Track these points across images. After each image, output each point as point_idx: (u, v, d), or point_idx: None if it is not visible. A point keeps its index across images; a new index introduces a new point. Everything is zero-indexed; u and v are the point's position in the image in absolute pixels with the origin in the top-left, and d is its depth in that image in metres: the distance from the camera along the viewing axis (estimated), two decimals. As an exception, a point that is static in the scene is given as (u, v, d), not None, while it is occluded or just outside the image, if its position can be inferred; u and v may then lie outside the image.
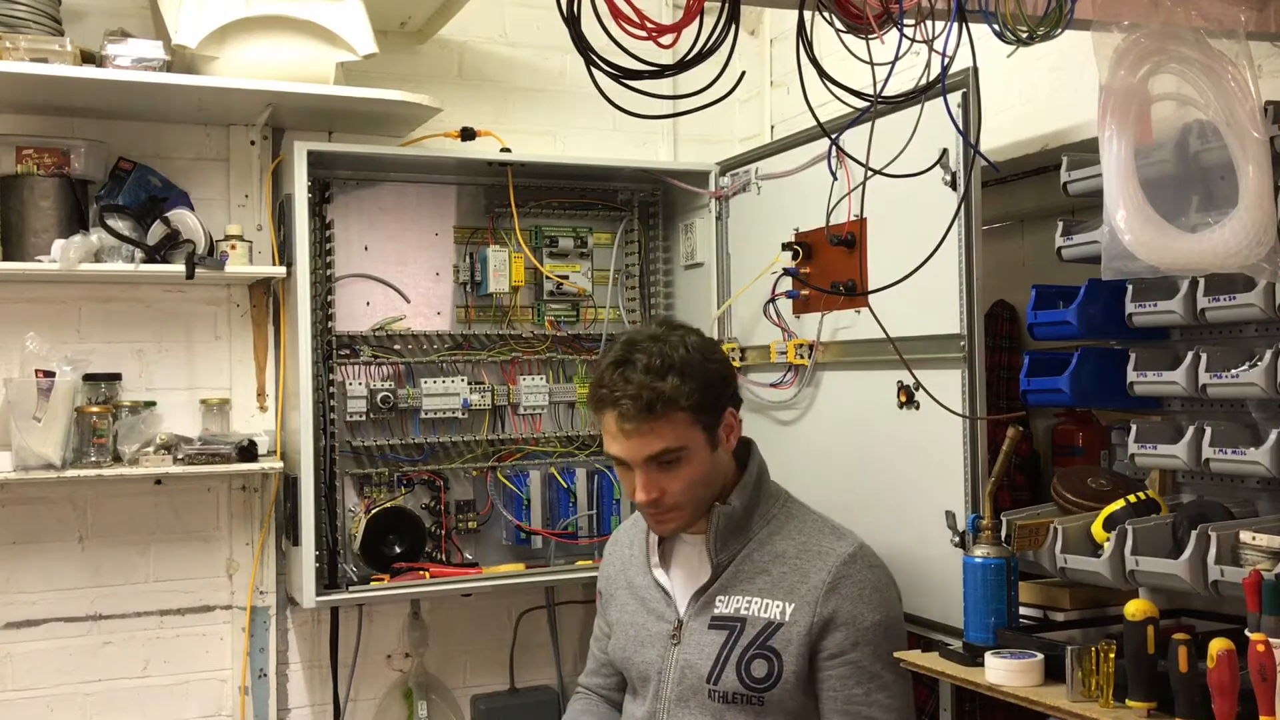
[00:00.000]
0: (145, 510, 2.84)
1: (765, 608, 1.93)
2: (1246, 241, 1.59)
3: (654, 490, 1.93)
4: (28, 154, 2.62)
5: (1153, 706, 1.62)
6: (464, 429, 2.93)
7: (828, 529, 2.01)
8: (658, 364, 1.91)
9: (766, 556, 1.98)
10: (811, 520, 2.03)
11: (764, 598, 1.94)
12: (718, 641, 1.94)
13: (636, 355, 1.93)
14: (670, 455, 1.92)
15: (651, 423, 1.90)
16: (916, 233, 2.09)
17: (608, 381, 1.93)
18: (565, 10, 1.40)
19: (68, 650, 2.77)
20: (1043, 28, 1.56)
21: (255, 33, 2.55)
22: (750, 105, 3.37)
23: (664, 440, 1.91)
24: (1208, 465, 1.85)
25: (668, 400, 1.89)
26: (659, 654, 2.01)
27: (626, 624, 2.10)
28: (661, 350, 1.93)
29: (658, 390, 1.89)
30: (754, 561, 1.98)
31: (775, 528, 2.01)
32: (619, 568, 2.19)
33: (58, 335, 2.74)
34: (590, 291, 3.09)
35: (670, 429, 1.91)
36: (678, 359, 1.93)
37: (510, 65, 3.22)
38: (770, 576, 1.95)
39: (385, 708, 3.00)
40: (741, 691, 1.91)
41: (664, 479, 1.93)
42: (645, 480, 1.93)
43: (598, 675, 2.25)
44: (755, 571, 1.97)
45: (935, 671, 1.99)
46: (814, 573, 1.92)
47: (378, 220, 2.92)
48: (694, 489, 1.96)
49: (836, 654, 1.89)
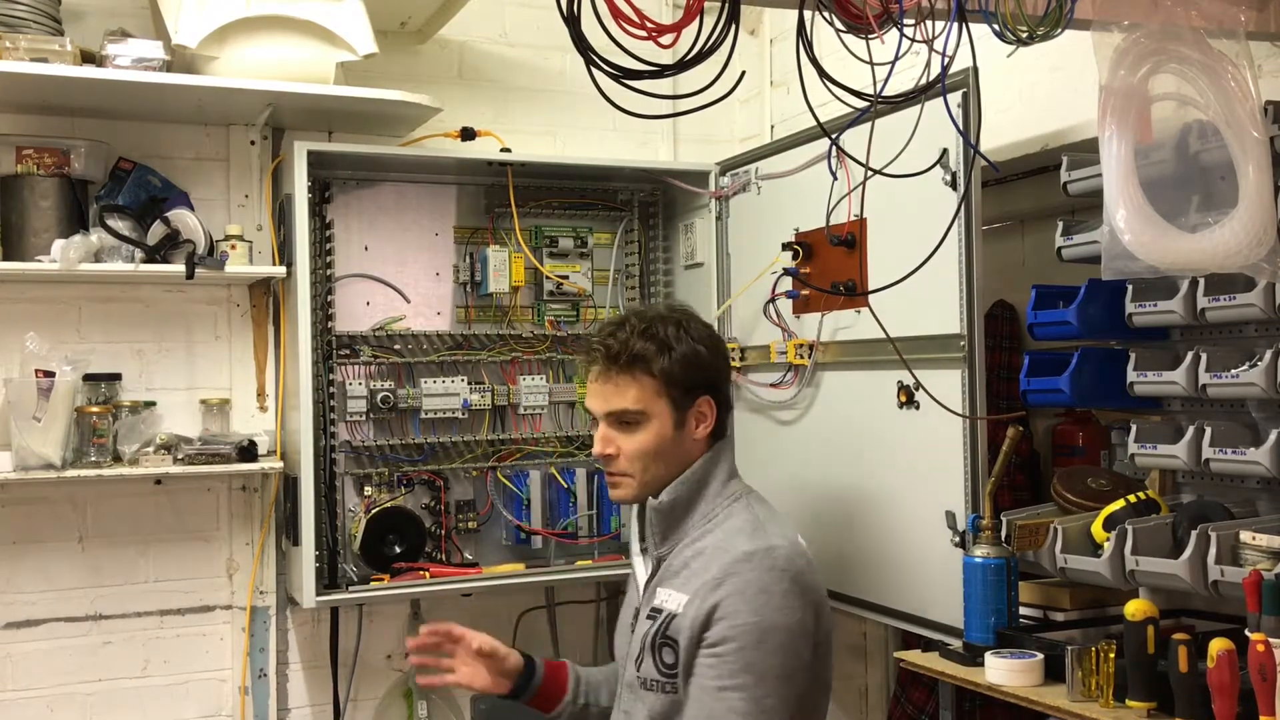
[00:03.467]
0: (145, 510, 2.84)
1: (674, 600, 1.95)
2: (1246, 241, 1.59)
3: (609, 446, 2.00)
4: (28, 154, 2.62)
5: (1153, 706, 1.62)
6: (464, 429, 2.93)
7: (749, 529, 1.96)
8: (642, 328, 1.99)
9: (691, 553, 1.99)
10: (744, 521, 1.99)
11: (678, 591, 1.96)
12: (645, 631, 1.98)
13: (630, 320, 2.03)
14: (630, 416, 1.98)
15: (617, 377, 1.97)
16: (916, 233, 2.09)
17: (595, 334, 2.04)
18: (565, 10, 1.40)
19: (68, 650, 2.77)
20: (1043, 28, 1.57)
21: (255, 33, 2.55)
22: (750, 105, 3.37)
23: (625, 399, 1.97)
24: (1208, 465, 1.85)
25: (636, 358, 1.96)
26: (626, 640, 2.07)
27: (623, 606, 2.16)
28: (653, 320, 2.01)
29: (631, 348, 1.97)
30: (680, 557, 2.00)
31: (712, 527, 2.00)
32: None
33: (58, 335, 2.74)
34: (590, 291, 3.09)
35: (635, 389, 1.97)
36: (665, 332, 1.99)
37: (510, 65, 3.22)
38: (689, 571, 1.97)
39: (385, 708, 2.99)
40: (657, 678, 1.93)
41: (619, 438, 1.99)
42: (604, 433, 2.00)
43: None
44: (680, 566, 1.99)
45: (935, 671, 1.99)
46: (711, 569, 1.92)
47: (378, 220, 2.92)
48: (643, 458, 1.99)
49: (710, 644, 1.87)
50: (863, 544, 2.38)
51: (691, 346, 2.00)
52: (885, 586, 2.33)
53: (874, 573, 2.34)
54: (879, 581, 2.34)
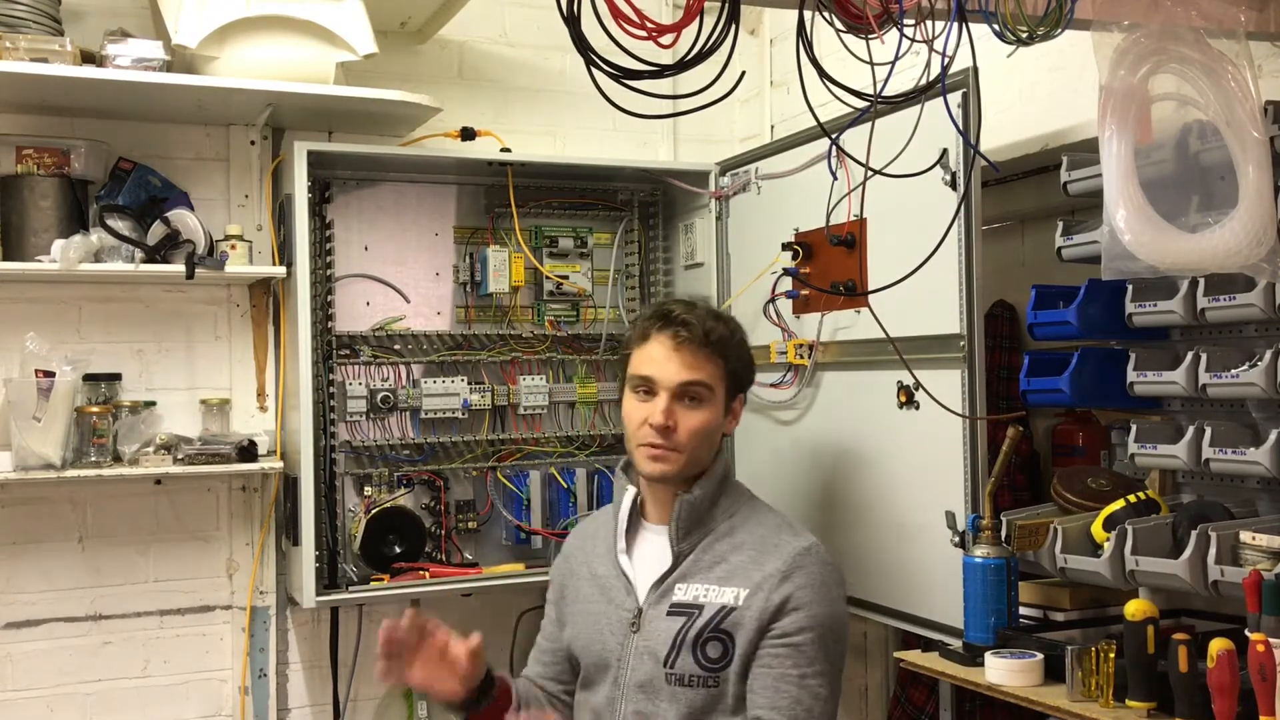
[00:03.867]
0: (145, 510, 2.84)
1: (720, 594, 1.98)
2: (1246, 241, 1.59)
3: (671, 418, 2.02)
4: (28, 154, 2.62)
5: (1153, 706, 1.62)
6: (464, 429, 2.93)
7: (785, 525, 2.07)
8: (715, 315, 2.11)
9: (726, 547, 2.03)
10: (771, 517, 2.09)
11: (721, 585, 1.99)
12: (674, 627, 1.98)
13: (699, 304, 2.13)
14: (700, 390, 2.03)
15: (699, 353, 2.03)
16: (916, 233, 2.09)
17: (674, 308, 2.08)
18: (565, 10, 1.40)
19: (68, 650, 2.77)
20: (1043, 28, 1.57)
21: (255, 33, 2.55)
22: (750, 105, 3.37)
23: (702, 373, 2.03)
24: (1208, 465, 1.85)
25: (721, 340, 2.06)
26: (619, 641, 2.04)
27: (586, 613, 2.13)
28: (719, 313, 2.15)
29: (715, 329, 2.06)
30: (714, 552, 2.03)
31: (737, 522, 2.06)
32: (581, 559, 2.21)
33: (58, 335, 2.74)
34: (590, 291, 3.09)
35: (711, 367, 2.04)
36: (731, 324, 2.13)
37: (510, 65, 3.22)
38: (728, 565, 2.00)
39: (385, 708, 2.99)
40: (698, 673, 1.95)
41: (682, 412, 2.03)
42: (667, 406, 2.02)
43: (539, 665, 2.26)
44: (714, 561, 2.02)
45: (935, 671, 1.99)
46: (770, 562, 1.98)
47: (378, 220, 2.92)
48: (697, 436, 2.03)
49: (781, 635, 1.93)
50: (862, 544, 2.38)
51: (743, 342, 2.13)
52: (885, 586, 2.33)
53: (874, 573, 2.34)
54: (879, 581, 2.34)
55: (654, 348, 2.06)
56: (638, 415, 2.05)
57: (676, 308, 2.08)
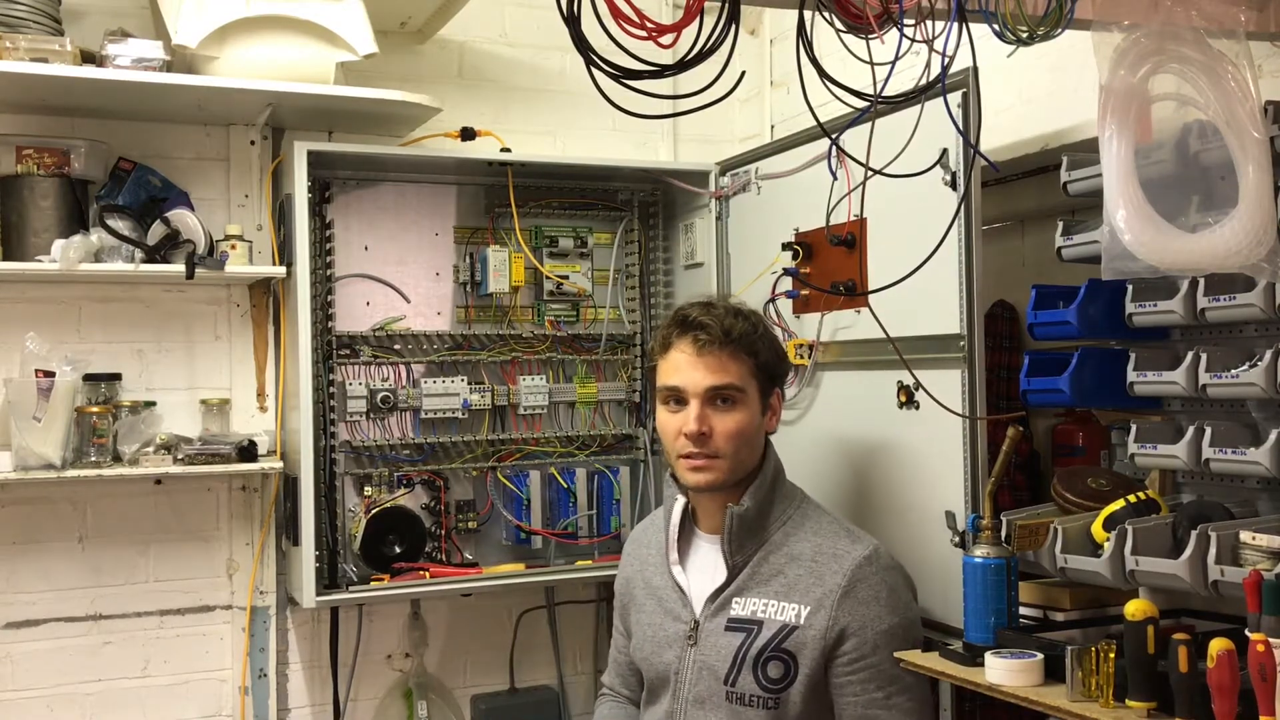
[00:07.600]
0: (145, 510, 2.84)
1: (781, 610, 1.94)
2: (1246, 241, 1.59)
3: (705, 424, 1.98)
4: (28, 154, 2.62)
5: (1153, 706, 1.62)
6: (464, 429, 2.93)
7: (843, 531, 2.02)
8: (735, 312, 2.06)
9: (782, 559, 1.99)
10: (827, 522, 2.04)
11: (780, 600, 1.95)
12: (734, 643, 1.95)
13: (718, 304, 2.09)
14: (730, 392, 1.99)
15: (723, 354, 1.99)
16: (916, 233, 2.09)
17: (691, 312, 2.04)
18: (565, 10, 1.40)
19: (68, 650, 2.77)
20: (1043, 28, 1.56)
21: (255, 33, 2.55)
22: (750, 105, 3.37)
23: (729, 375, 1.99)
24: (1208, 465, 1.85)
25: (742, 337, 2.01)
26: (676, 655, 2.02)
27: (645, 624, 2.11)
28: (738, 309, 2.09)
29: (736, 327, 2.02)
30: (770, 564, 1.99)
31: (791, 529, 2.02)
32: (637, 568, 2.19)
33: (58, 335, 2.74)
34: (590, 291, 3.09)
35: (737, 367, 2.00)
36: (753, 318, 2.09)
37: (510, 65, 3.22)
38: (786, 579, 1.96)
39: (385, 708, 2.99)
40: (758, 693, 1.92)
41: (715, 417, 1.99)
42: (699, 412, 1.98)
43: (618, 676, 2.27)
44: (771, 574, 1.98)
45: (935, 671, 1.99)
46: (829, 576, 1.93)
47: (378, 220, 2.92)
48: (738, 439, 1.99)
49: (855, 659, 1.90)
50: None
51: (768, 334, 2.09)
52: (885, 586, 2.32)
53: (874, 573, 2.34)
54: (879, 581, 2.33)
55: (677, 356, 2.02)
56: (672, 427, 2.02)
57: (694, 311, 2.04)
